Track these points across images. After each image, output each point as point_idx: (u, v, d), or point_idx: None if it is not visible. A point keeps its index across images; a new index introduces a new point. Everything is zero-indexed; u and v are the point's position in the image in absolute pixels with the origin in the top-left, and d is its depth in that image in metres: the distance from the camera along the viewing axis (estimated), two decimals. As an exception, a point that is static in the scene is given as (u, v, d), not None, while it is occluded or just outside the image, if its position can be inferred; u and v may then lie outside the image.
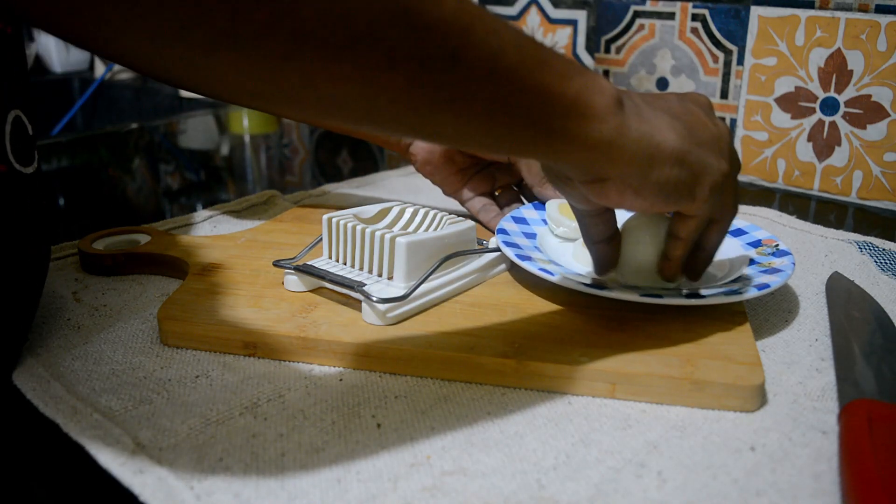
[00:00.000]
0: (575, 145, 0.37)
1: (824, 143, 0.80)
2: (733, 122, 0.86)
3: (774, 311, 0.53)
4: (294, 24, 0.28)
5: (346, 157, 1.00)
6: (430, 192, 0.80)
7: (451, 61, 0.32)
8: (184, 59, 0.28)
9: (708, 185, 0.41)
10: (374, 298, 0.46)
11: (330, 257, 0.54)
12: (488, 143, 0.38)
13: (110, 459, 0.36)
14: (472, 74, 0.33)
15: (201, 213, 0.71)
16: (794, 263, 0.52)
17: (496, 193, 0.67)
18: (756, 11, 0.81)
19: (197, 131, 1.14)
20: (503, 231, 0.57)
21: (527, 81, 0.34)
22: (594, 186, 0.40)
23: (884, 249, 0.64)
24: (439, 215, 0.56)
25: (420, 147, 0.64)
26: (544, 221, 0.61)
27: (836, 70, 0.78)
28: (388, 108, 0.33)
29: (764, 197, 0.81)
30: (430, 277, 0.49)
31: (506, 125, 0.35)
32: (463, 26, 0.32)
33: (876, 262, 0.62)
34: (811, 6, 0.78)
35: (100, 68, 1.54)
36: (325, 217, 0.53)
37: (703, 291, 0.49)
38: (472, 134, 0.36)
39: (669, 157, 0.39)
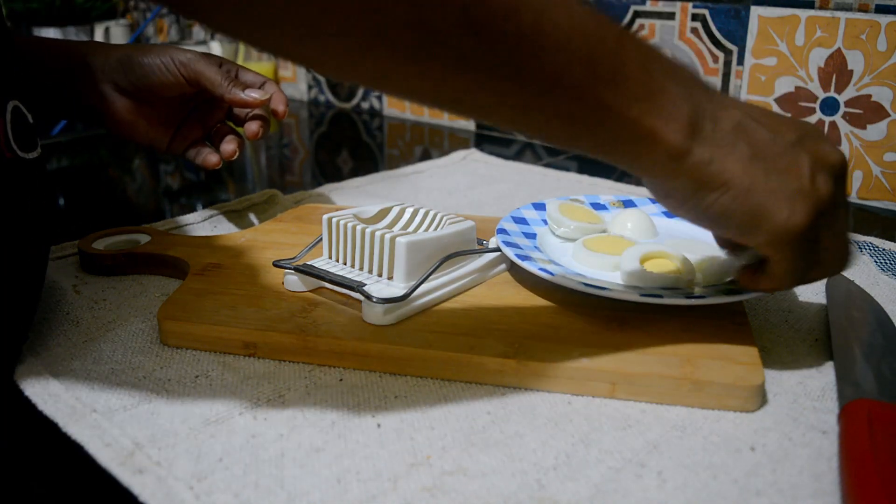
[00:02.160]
0: (626, 160, 0.38)
1: (824, 143, 0.80)
2: (733, 122, 0.86)
3: (774, 311, 0.53)
4: (369, 25, 0.30)
5: (346, 157, 1.00)
6: (430, 193, 0.80)
7: (516, 72, 0.33)
8: (282, 46, 0.33)
9: (767, 231, 0.38)
10: (374, 298, 0.46)
11: (330, 257, 0.54)
12: (554, 143, 0.39)
13: (109, 459, 0.36)
14: (535, 86, 0.34)
15: (201, 213, 0.71)
16: (794, 263, 0.52)
17: (212, 134, 0.66)
18: (756, 11, 0.81)
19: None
20: (503, 231, 0.57)
21: (589, 98, 0.35)
22: (653, 193, 0.41)
23: (884, 249, 0.64)
24: (439, 215, 0.56)
25: (112, 105, 0.61)
26: (544, 221, 0.61)
27: (836, 70, 0.78)
28: (452, 104, 0.36)
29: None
30: (430, 277, 0.49)
31: (568, 134, 0.37)
32: (532, 42, 0.32)
33: (876, 262, 0.62)
34: (811, 6, 0.78)
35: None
36: (325, 217, 0.53)
37: (703, 291, 0.49)
38: (539, 133, 0.37)
39: (724, 187, 0.38)
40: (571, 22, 0.33)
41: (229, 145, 0.64)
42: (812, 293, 0.56)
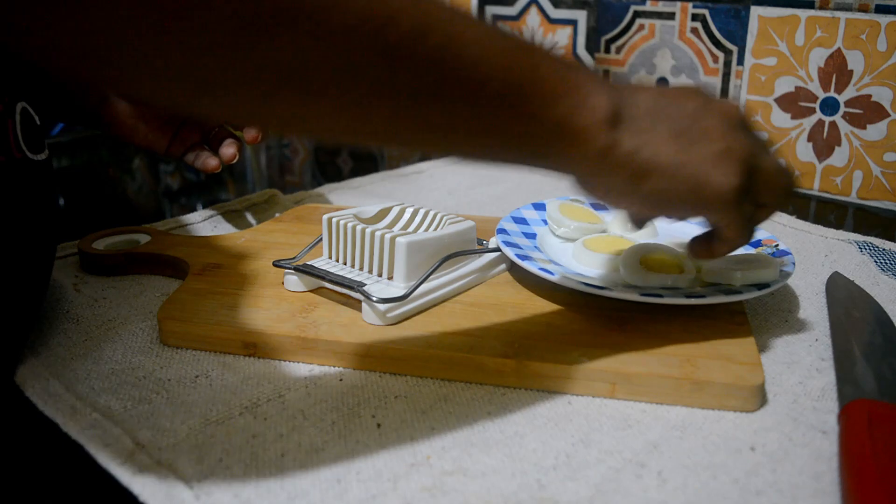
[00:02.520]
0: (559, 163, 0.38)
1: (824, 143, 0.80)
2: (733, 122, 0.86)
3: (774, 311, 0.53)
4: (275, 68, 0.28)
5: (346, 157, 1.00)
6: (430, 192, 0.80)
7: (435, 92, 0.32)
8: (178, 101, 0.31)
9: (710, 199, 0.39)
10: (374, 298, 0.46)
11: (330, 257, 0.54)
12: (477, 158, 0.38)
13: (109, 459, 0.36)
14: (456, 103, 0.33)
15: (201, 213, 0.71)
16: (794, 263, 0.52)
17: (210, 137, 0.66)
18: (756, 11, 0.81)
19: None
20: (503, 231, 0.57)
21: (511, 108, 0.34)
22: (588, 193, 0.41)
23: (884, 249, 0.64)
24: (439, 215, 0.56)
25: (112, 109, 0.62)
26: (544, 221, 0.61)
27: (836, 70, 0.78)
28: (372, 134, 0.34)
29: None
30: (430, 277, 0.49)
31: (491, 145, 0.36)
32: (447, 59, 0.32)
33: (876, 262, 0.62)
34: (811, 6, 0.78)
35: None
36: (325, 217, 0.53)
37: (703, 291, 0.49)
38: (460, 150, 0.36)
39: (658, 170, 0.38)
40: (481, 36, 0.33)
41: (228, 149, 0.64)
42: (812, 293, 0.56)
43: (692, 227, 0.62)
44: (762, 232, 0.58)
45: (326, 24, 0.28)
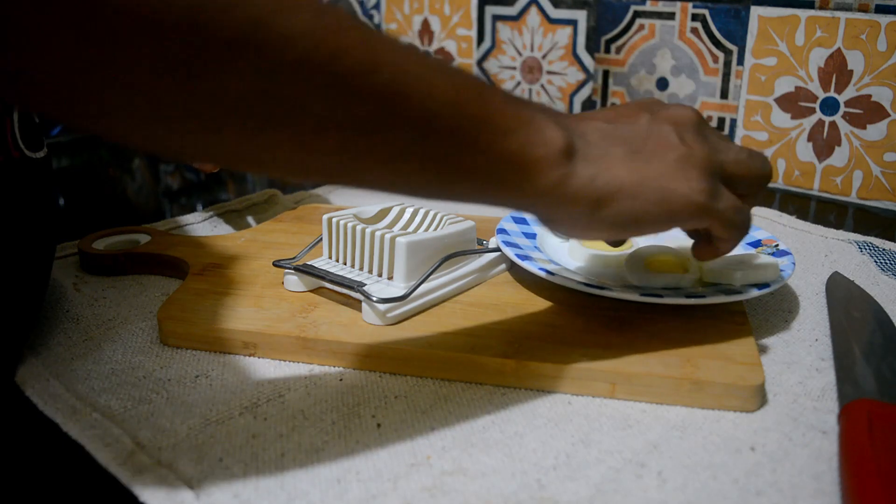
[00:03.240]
0: (514, 197, 0.37)
1: (824, 143, 0.80)
2: (733, 122, 0.86)
3: (774, 311, 0.53)
4: (218, 101, 0.28)
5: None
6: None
7: (384, 126, 0.32)
8: (128, 131, 0.29)
9: (679, 209, 0.39)
10: (374, 298, 0.46)
11: (330, 257, 0.54)
12: (428, 194, 0.37)
13: (110, 459, 0.36)
14: (406, 137, 0.32)
15: (201, 213, 0.71)
16: (794, 263, 0.52)
17: None
18: (756, 11, 0.81)
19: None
20: (503, 231, 0.57)
21: (463, 142, 0.34)
22: (546, 224, 0.40)
23: (884, 249, 0.64)
24: (439, 215, 0.56)
25: None
26: (544, 221, 0.61)
27: (836, 70, 0.78)
28: (321, 171, 0.33)
29: (764, 197, 0.81)
30: (430, 277, 0.49)
31: (445, 181, 0.35)
32: (396, 94, 0.31)
33: (876, 262, 0.62)
34: (811, 6, 0.78)
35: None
36: (325, 217, 0.53)
37: (703, 291, 0.49)
38: (411, 186, 0.36)
39: (620, 192, 0.38)
40: (432, 70, 0.33)
41: None
42: (812, 293, 0.56)
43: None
44: (762, 232, 0.58)
45: (274, 57, 0.28)
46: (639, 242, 0.57)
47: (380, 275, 0.51)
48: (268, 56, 0.28)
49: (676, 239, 0.58)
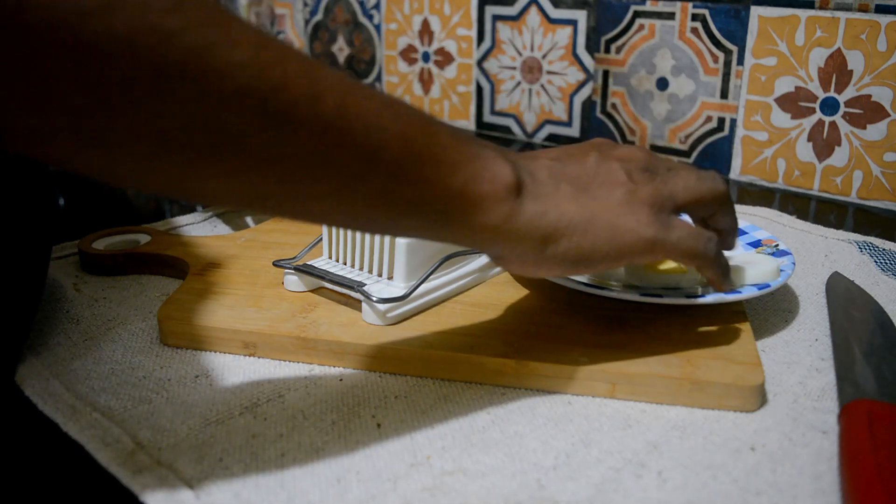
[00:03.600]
0: (462, 234, 0.37)
1: (824, 143, 0.80)
2: (733, 122, 0.86)
3: (774, 311, 0.53)
4: (158, 130, 0.28)
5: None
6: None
7: (326, 160, 0.31)
8: (65, 157, 0.29)
9: (629, 244, 0.39)
10: (374, 298, 0.46)
11: (330, 257, 0.54)
12: (375, 229, 0.37)
13: (110, 459, 0.36)
14: (350, 170, 0.32)
15: (201, 213, 0.71)
16: (794, 263, 0.52)
17: None
18: (756, 11, 0.81)
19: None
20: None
21: (409, 175, 0.33)
22: (497, 262, 0.40)
23: (884, 249, 0.64)
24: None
25: None
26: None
27: (836, 70, 0.78)
28: (262, 201, 0.33)
29: (764, 197, 0.81)
30: (430, 277, 0.49)
31: (390, 215, 0.35)
32: (340, 126, 0.31)
33: (876, 262, 0.62)
34: (811, 6, 0.78)
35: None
36: (325, 217, 0.53)
37: (703, 291, 0.49)
38: (357, 221, 0.35)
39: (569, 228, 0.37)
40: (377, 103, 0.32)
41: None
42: (812, 293, 0.56)
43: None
44: (762, 232, 0.58)
45: (214, 88, 0.28)
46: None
47: (380, 275, 0.51)
48: (208, 86, 0.28)
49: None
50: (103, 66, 0.26)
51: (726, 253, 0.52)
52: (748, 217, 0.72)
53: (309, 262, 0.52)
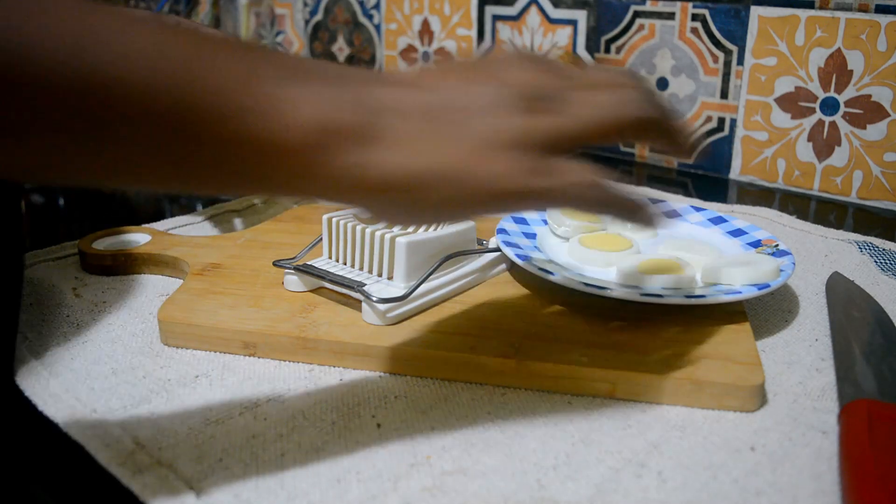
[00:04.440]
0: (283, 187, 0.32)
1: (824, 143, 0.80)
2: (733, 121, 0.86)
3: (774, 311, 0.53)
4: None
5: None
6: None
7: (96, 122, 0.27)
8: None
9: (481, 201, 0.32)
10: (374, 298, 0.46)
11: (330, 257, 0.54)
12: (172, 188, 0.32)
13: (109, 459, 0.36)
14: (118, 134, 0.28)
15: (201, 213, 0.71)
16: (794, 263, 0.52)
17: None
18: (756, 11, 0.81)
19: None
20: (503, 231, 0.57)
21: (185, 131, 0.29)
22: (381, 217, 0.36)
23: (884, 249, 0.64)
24: (439, 215, 0.56)
25: None
26: (544, 221, 0.61)
27: (836, 70, 0.78)
28: (44, 171, 0.29)
29: (764, 197, 0.81)
30: (430, 277, 0.49)
31: (182, 176, 0.30)
32: (100, 84, 0.27)
33: (876, 262, 0.62)
34: (811, 6, 0.78)
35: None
36: (325, 217, 0.53)
37: (703, 291, 0.49)
38: (147, 182, 0.31)
39: (428, 181, 0.31)
40: (150, 48, 0.28)
41: None
42: (812, 293, 0.56)
43: (693, 228, 0.62)
44: (762, 232, 0.58)
45: None
46: (640, 245, 0.57)
47: (380, 275, 0.51)
48: None
49: (678, 242, 0.58)
50: None
51: (727, 253, 0.52)
52: (748, 217, 0.72)
53: (309, 262, 0.52)
